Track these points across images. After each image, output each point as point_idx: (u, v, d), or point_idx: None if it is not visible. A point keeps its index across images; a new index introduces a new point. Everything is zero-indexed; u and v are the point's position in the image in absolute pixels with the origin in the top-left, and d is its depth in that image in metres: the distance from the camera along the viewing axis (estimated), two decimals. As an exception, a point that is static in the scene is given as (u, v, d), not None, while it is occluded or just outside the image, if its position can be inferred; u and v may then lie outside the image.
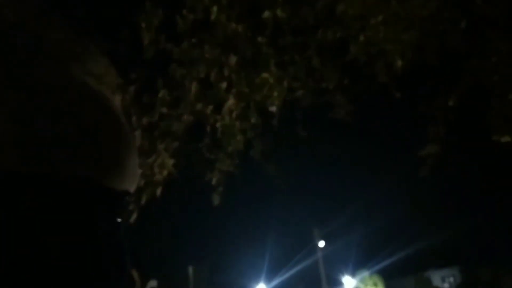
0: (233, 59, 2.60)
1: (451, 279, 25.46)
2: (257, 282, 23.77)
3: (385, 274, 23.40)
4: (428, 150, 3.04)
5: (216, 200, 3.45)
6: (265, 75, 2.62)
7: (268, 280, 23.69)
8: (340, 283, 24.54)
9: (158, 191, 2.57)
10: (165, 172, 2.66)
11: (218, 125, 2.97)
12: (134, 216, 0.99)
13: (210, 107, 2.66)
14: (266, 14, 2.62)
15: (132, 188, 0.98)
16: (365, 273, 23.58)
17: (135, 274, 0.99)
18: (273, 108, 2.92)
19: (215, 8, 2.50)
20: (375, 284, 23.36)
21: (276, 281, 23.38)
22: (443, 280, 25.67)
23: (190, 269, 20.37)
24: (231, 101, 2.68)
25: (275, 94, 2.71)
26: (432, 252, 23.67)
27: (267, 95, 2.85)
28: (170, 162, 2.62)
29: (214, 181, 3.47)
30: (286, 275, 22.97)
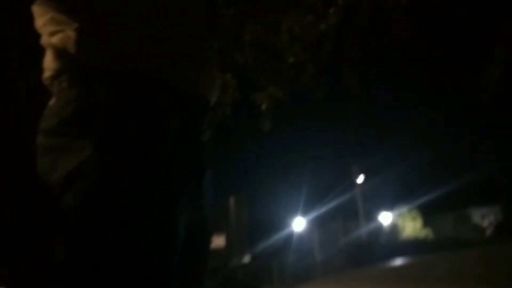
0: None
1: (492, 217, 25.23)
2: (295, 214, 24.36)
3: (424, 210, 23.44)
4: (491, 74, 2.88)
5: (266, 125, 3.46)
6: None
7: (306, 213, 24.22)
8: (378, 218, 24.85)
9: (228, 110, 2.63)
10: (230, 93, 2.69)
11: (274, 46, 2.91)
12: (208, 134, 1.00)
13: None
14: None
15: (211, 98, 0.99)
16: (404, 208, 23.71)
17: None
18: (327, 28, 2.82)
19: None
20: (414, 219, 23.51)
21: (314, 214, 23.88)
22: (483, 217, 25.48)
23: (232, 199, 21.07)
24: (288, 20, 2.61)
25: (331, 11, 2.61)
26: (474, 190, 23.36)
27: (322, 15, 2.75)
28: (234, 83, 2.64)
29: (263, 107, 3.46)
30: (324, 209, 23.37)
